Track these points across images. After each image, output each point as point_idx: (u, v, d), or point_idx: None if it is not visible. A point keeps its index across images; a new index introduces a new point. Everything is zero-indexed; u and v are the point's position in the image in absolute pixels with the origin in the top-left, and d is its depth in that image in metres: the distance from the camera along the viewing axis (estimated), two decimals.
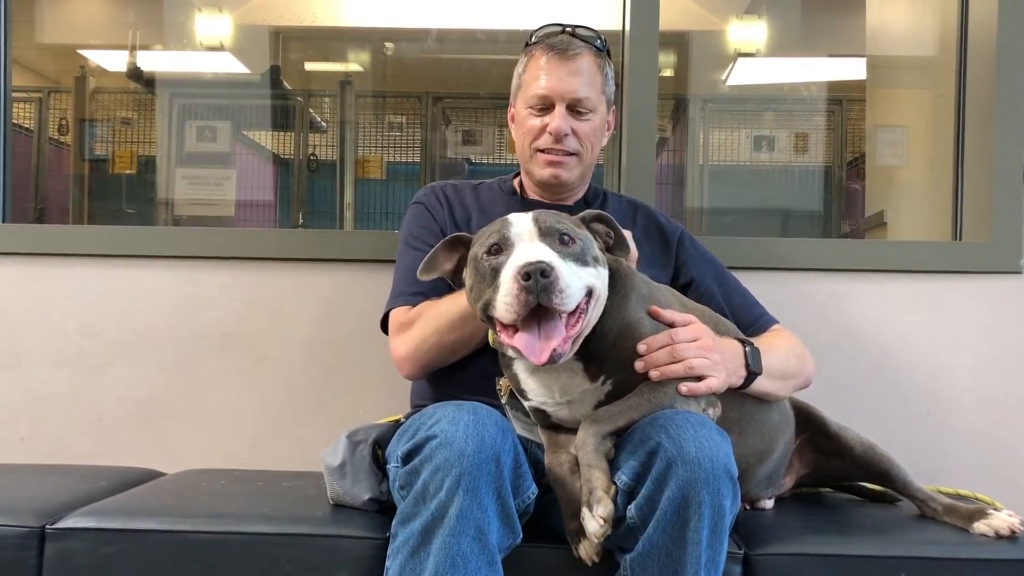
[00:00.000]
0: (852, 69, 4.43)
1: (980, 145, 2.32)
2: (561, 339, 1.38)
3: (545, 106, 1.83)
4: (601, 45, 1.88)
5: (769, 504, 1.82)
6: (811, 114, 4.65)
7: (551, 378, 1.53)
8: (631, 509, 1.41)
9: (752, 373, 1.62)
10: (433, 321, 1.74)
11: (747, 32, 4.73)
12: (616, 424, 1.47)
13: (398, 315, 1.81)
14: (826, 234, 4.41)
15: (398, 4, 4.86)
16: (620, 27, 2.38)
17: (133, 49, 4.78)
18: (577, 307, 1.41)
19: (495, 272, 1.43)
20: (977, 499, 1.87)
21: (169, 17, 5.01)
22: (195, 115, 4.66)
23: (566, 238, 1.44)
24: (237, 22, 4.93)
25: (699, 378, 1.52)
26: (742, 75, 4.81)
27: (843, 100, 4.52)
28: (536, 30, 1.90)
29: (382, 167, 4.83)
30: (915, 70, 3.13)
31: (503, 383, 1.67)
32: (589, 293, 1.44)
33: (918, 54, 3.03)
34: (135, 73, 4.80)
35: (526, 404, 1.61)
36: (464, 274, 1.55)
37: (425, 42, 5.00)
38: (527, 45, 1.89)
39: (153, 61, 4.93)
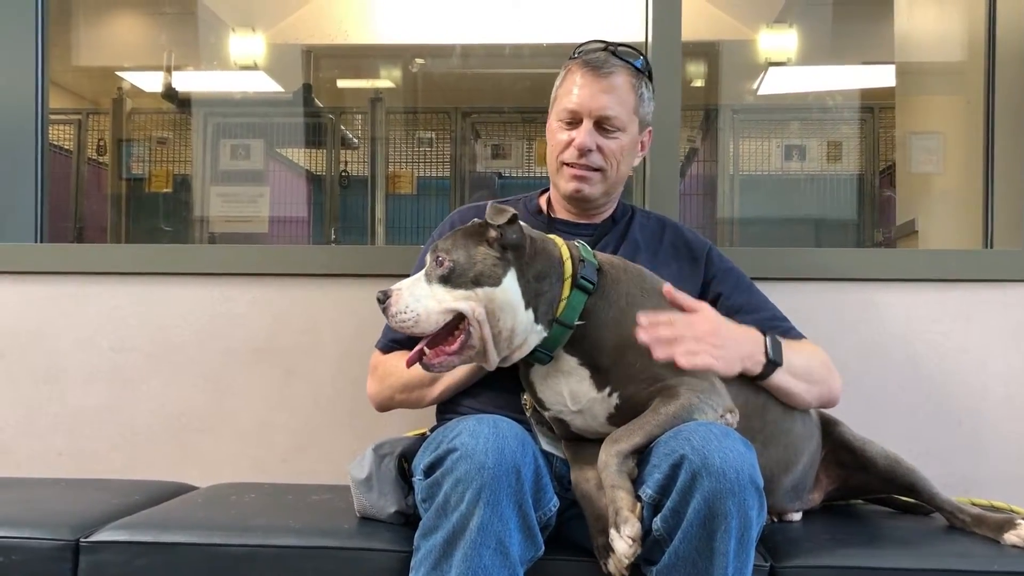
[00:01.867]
0: (884, 76, 4.39)
1: (1011, 151, 2.29)
2: (417, 352, 1.54)
3: (574, 120, 1.83)
4: (641, 65, 1.87)
5: (797, 517, 1.81)
6: (843, 122, 4.62)
7: (560, 383, 1.57)
8: (657, 522, 1.41)
9: (772, 362, 1.63)
10: (390, 379, 1.88)
11: (777, 41, 4.72)
12: (635, 442, 1.48)
13: (374, 357, 1.95)
14: (859, 243, 4.36)
15: (427, 21, 4.90)
16: (643, 38, 2.38)
17: (168, 70, 4.87)
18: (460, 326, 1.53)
19: None
20: (1012, 511, 1.84)
21: (203, 38, 5.09)
22: (229, 134, 4.74)
23: (439, 258, 1.54)
24: (270, 41, 5.01)
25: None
26: (773, 84, 4.79)
27: (875, 108, 4.48)
28: (579, 45, 1.90)
29: (413, 182, 4.88)
30: (944, 76, 3.10)
31: (527, 399, 1.68)
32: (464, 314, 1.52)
33: (947, 60, 3.00)
34: (170, 93, 4.89)
35: (545, 414, 1.63)
36: None
37: (453, 58, 5.04)
38: (569, 59, 1.89)
39: (188, 81, 5.02)
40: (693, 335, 1.54)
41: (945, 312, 2.22)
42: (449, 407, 1.84)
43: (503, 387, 1.75)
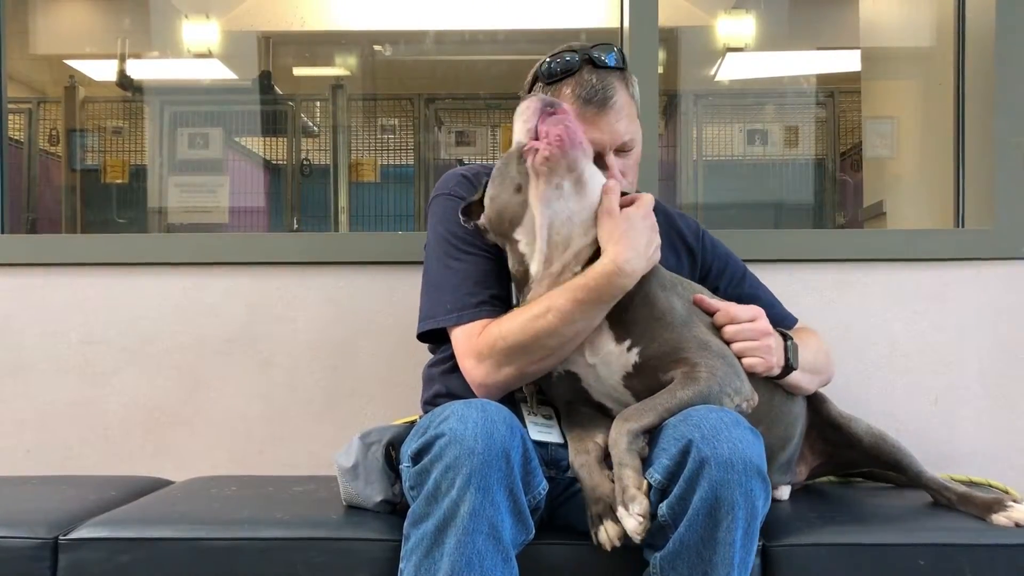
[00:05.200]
0: (843, 61, 4.45)
1: (980, 132, 2.32)
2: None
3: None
4: (625, 64, 1.74)
5: (784, 494, 1.81)
6: (803, 107, 4.67)
7: None
8: (662, 508, 1.41)
9: (789, 367, 1.66)
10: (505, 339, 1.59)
11: (735, 27, 4.76)
12: (646, 421, 1.47)
13: (465, 337, 1.64)
14: (819, 226, 4.42)
15: (386, 7, 4.85)
16: (618, 24, 2.38)
17: (122, 58, 4.75)
18: None
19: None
20: (990, 486, 1.87)
21: (156, 25, 4.99)
22: (186, 122, 4.64)
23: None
24: (224, 28, 4.92)
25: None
26: (731, 70, 4.83)
27: (835, 92, 4.54)
28: (549, 63, 1.70)
29: (376, 170, 4.83)
30: (911, 60, 3.14)
31: (527, 387, 1.68)
32: None
33: (914, 44, 3.04)
34: (124, 82, 4.78)
35: (557, 369, 1.60)
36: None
37: (415, 44, 4.99)
38: (546, 81, 1.71)
39: (142, 69, 4.91)
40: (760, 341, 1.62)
41: (919, 291, 2.25)
42: (435, 395, 1.81)
43: None
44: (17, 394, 2.29)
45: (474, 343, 1.61)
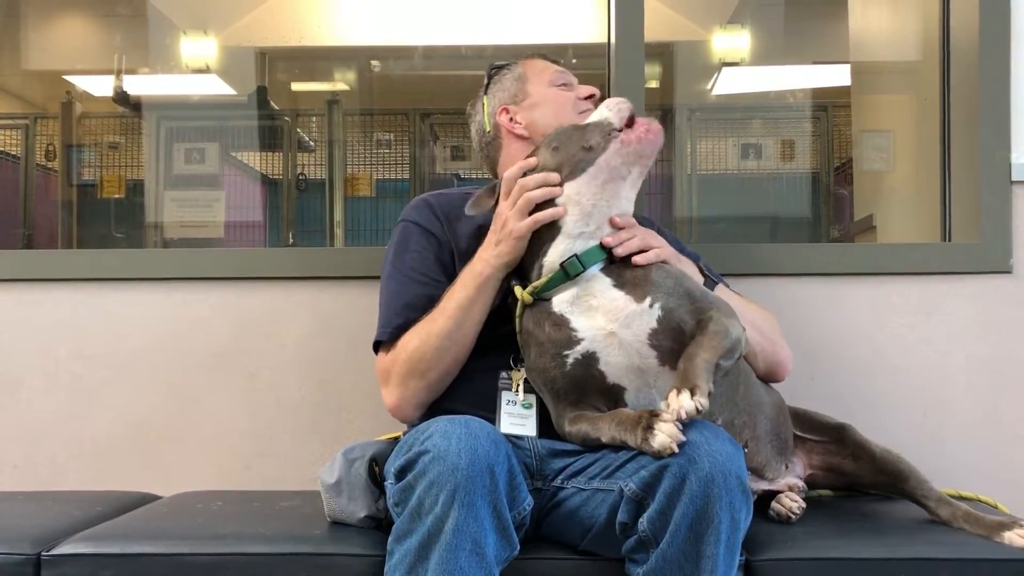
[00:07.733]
0: (836, 76, 4.46)
1: (966, 147, 2.32)
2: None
3: (566, 82, 1.92)
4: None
5: (795, 505, 1.73)
6: (797, 121, 4.68)
7: (593, 301, 1.59)
8: (642, 522, 1.41)
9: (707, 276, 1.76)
10: (402, 362, 1.73)
11: (731, 41, 4.78)
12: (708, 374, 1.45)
13: (383, 361, 1.77)
14: (815, 240, 4.43)
15: (382, 23, 4.88)
16: (605, 39, 2.39)
17: (119, 73, 4.78)
18: None
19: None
20: (980, 501, 1.86)
21: (154, 40, 5.01)
22: (183, 137, 4.66)
23: None
24: (222, 44, 4.95)
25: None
26: (727, 84, 4.85)
27: (828, 106, 4.55)
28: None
29: (371, 184, 4.84)
30: (900, 75, 3.15)
31: (515, 375, 1.70)
32: None
33: (902, 59, 3.05)
34: (121, 97, 4.80)
35: (575, 350, 1.58)
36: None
37: (411, 59, 5.02)
38: (505, 66, 1.98)
39: (139, 85, 4.94)
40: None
41: (907, 305, 2.25)
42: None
43: (473, 387, 1.73)
44: (5, 409, 2.29)
45: (383, 365, 1.76)
